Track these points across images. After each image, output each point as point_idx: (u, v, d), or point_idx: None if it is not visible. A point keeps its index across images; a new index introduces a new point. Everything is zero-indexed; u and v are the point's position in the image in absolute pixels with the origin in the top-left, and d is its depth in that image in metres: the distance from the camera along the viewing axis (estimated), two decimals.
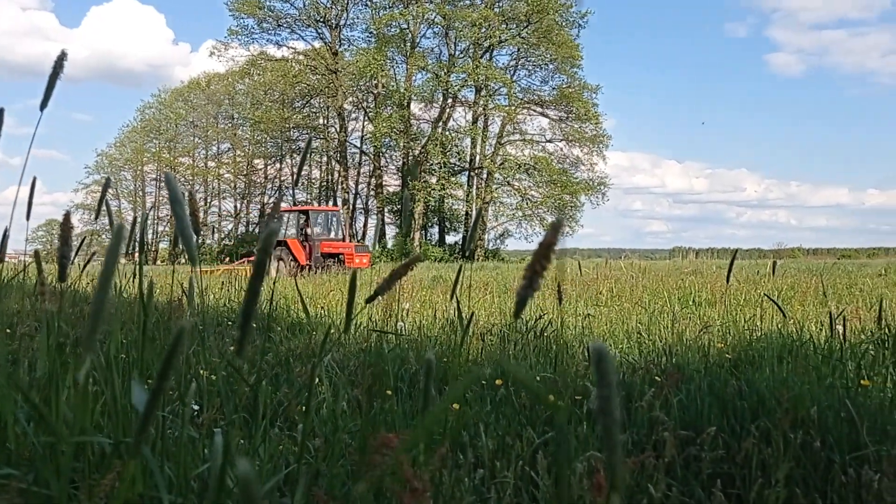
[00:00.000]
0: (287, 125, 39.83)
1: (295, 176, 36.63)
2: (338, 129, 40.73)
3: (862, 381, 2.68)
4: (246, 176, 45.06)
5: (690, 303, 6.97)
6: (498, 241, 40.80)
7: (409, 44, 37.98)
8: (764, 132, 62.27)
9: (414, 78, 38.44)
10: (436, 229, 41.59)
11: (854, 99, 58.85)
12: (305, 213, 24.79)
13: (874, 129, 58.23)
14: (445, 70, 37.07)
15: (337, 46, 38.87)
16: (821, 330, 4.76)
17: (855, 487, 2.02)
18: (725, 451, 2.42)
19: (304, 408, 2.01)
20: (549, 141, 39.16)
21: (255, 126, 39.67)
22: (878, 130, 58.55)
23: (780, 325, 4.66)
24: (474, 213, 38.60)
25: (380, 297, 1.08)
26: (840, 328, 4.88)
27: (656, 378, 3.04)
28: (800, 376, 3.19)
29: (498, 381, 2.52)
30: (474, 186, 39.19)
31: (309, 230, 24.22)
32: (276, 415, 2.49)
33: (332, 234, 24.87)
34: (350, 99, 39.70)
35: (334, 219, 25.85)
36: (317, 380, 2.94)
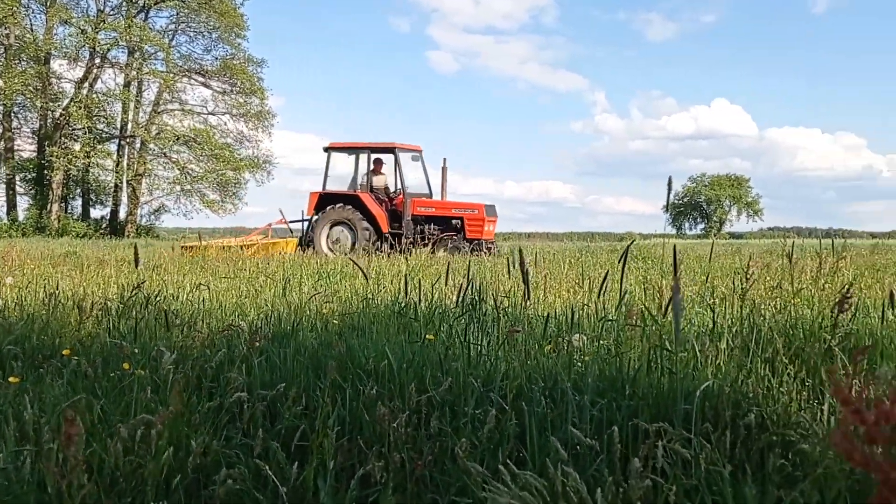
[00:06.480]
0: None
1: None
2: None
3: (428, 336, 3.05)
4: None
5: (325, 275, 7.29)
6: (153, 216, 38.20)
7: None
8: (426, 124, 67.78)
9: (55, 31, 33.98)
10: (79, 202, 37.46)
11: (499, 100, 66.89)
12: (387, 151, 14.93)
13: (514, 128, 67.02)
14: (93, 26, 33.37)
15: None
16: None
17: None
18: (305, 407, 2.59)
19: None
20: (212, 113, 37.61)
21: None
22: (517, 129, 67.52)
23: (390, 294, 5.10)
24: (125, 184, 35.49)
25: None
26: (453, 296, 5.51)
27: (256, 343, 3.13)
28: (381, 335, 3.55)
29: (66, 352, 2.38)
30: (125, 156, 36.08)
31: (388, 180, 15.11)
32: None
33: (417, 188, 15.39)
34: None
35: (416, 162, 15.58)
36: None
